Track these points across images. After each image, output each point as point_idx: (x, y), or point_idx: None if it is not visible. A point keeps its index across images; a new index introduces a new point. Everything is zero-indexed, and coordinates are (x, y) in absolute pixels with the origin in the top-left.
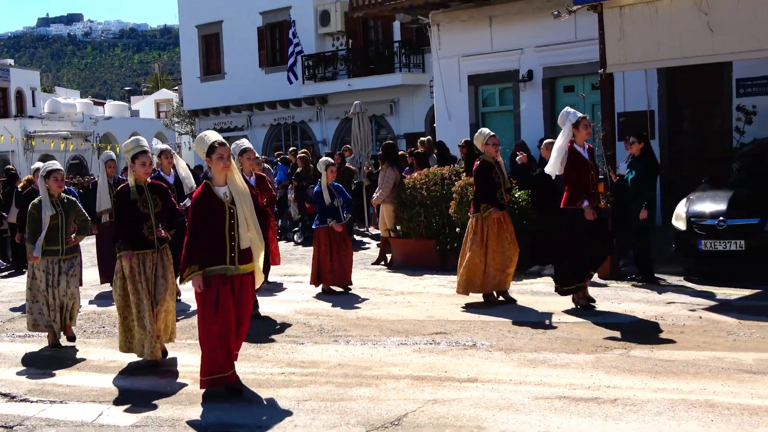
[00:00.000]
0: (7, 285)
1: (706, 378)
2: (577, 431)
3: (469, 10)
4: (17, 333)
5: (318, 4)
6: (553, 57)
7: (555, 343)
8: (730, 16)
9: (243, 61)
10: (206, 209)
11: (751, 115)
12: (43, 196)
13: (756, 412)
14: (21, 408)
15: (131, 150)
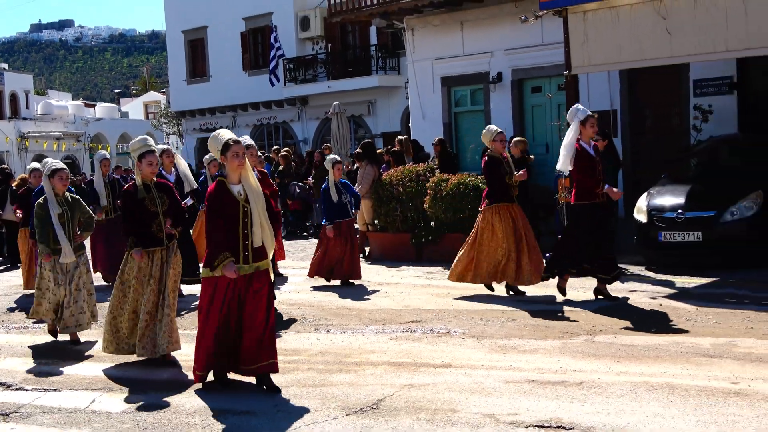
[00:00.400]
0: (3, 279)
1: (666, 362)
2: (545, 413)
3: (442, 15)
4: (12, 325)
5: (298, 10)
6: (521, 59)
7: (524, 330)
8: (687, 20)
9: (227, 65)
10: (220, 206)
11: (708, 114)
12: (48, 195)
13: (713, 393)
14: (17, 396)
15: (138, 149)
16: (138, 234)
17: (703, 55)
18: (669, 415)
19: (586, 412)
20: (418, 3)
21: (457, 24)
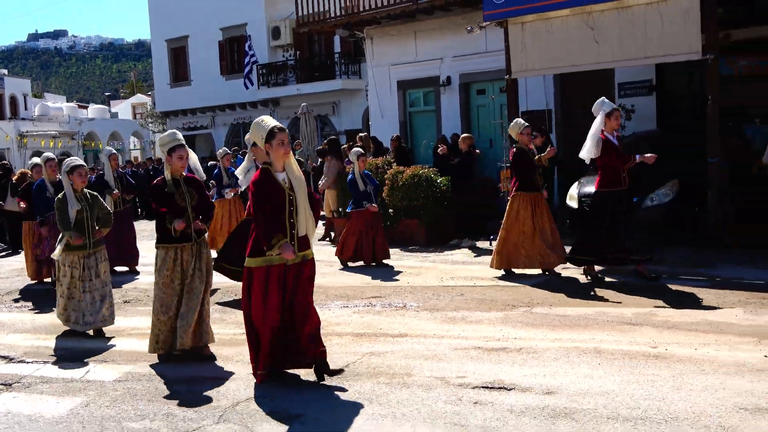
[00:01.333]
0: (5, 263)
1: (595, 329)
2: (489, 375)
3: (398, 25)
4: (14, 304)
5: (270, 21)
6: (468, 65)
7: (471, 303)
8: (612, 31)
9: (206, 70)
10: (266, 194)
11: (630, 113)
12: (67, 192)
13: (635, 356)
14: (18, 368)
15: (168, 143)
16: (166, 230)
17: (625, 61)
18: (597, 376)
19: (524, 374)
20: (376, 15)
21: (411, 33)
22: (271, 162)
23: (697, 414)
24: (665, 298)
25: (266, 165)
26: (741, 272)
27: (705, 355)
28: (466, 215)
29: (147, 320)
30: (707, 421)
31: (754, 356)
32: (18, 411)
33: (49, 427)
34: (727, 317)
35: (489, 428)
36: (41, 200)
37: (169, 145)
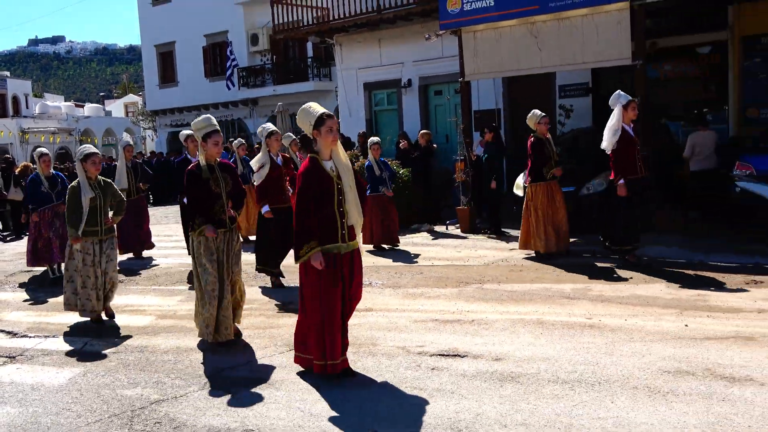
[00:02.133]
0: (9, 248)
1: (538, 303)
2: (446, 344)
3: (364, 33)
4: (17, 284)
5: (249, 29)
6: (426, 69)
7: (429, 281)
8: (553, 39)
9: (192, 72)
10: (315, 183)
11: (570, 112)
12: (81, 180)
13: (572, 326)
14: (21, 342)
15: (203, 128)
16: (204, 214)
17: (565, 66)
18: (539, 344)
19: (476, 343)
20: (344, 24)
21: (376, 41)
22: (318, 150)
23: (627, 376)
24: (599, 275)
25: (313, 154)
26: (666, 252)
27: (633, 325)
28: (424, 203)
29: (140, 298)
30: (635, 383)
31: (676, 326)
32: (21, 381)
33: (50, 394)
34: (653, 292)
35: (445, 391)
36: (34, 193)
37: (204, 131)
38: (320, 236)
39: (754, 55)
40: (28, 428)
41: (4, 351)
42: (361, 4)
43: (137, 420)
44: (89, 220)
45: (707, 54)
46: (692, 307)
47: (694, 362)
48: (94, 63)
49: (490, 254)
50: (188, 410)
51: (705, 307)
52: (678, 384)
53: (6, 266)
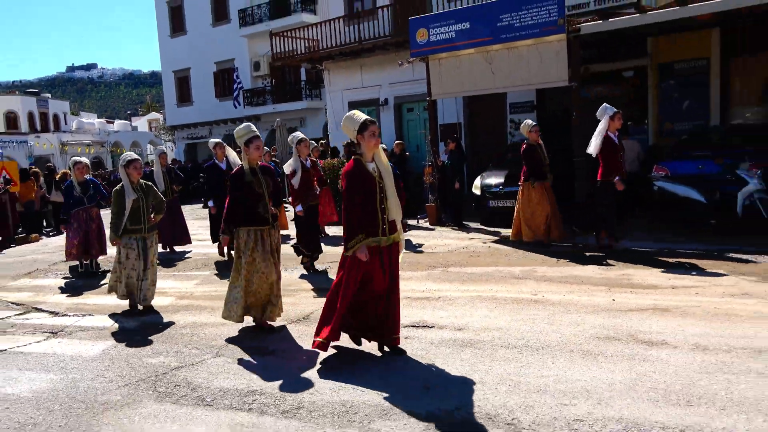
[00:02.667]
0: (51, 241)
1: (492, 283)
2: (416, 318)
3: (348, 60)
4: (59, 271)
5: (252, 57)
6: (400, 90)
7: (402, 266)
8: (504, 64)
9: (204, 93)
10: (360, 183)
11: (518, 125)
12: (125, 183)
13: (520, 301)
14: (62, 320)
15: (245, 135)
16: (246, 214)
17: (514, 87)
18: (493, 316)
19: (441, 316)
20: (331, 52)
21: (358, 66)
22: (362, 153)
23: (565, 342)
24: (542, 259)
25: (357, 156)
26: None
27: (570, 299)
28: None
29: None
30: (572, 347)
31: (605, 300)
32: (62, 352)
33: (86, 363)
34: (587, 273)
35: (416, 355)
36: (68, 197)
37: (246, 137)
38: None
39: (669, 78)
40: (68, 391)
41: (47, 328)
42: (346, 36)
43: (160, 383)
44: (133, 219)
45: (630, 77)
46: (618, 284)
47: (619, 330)
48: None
49: (453, 243)
50: (203, 374)
51: (628, 284)
52: (606, 348)
53: (49, 257)
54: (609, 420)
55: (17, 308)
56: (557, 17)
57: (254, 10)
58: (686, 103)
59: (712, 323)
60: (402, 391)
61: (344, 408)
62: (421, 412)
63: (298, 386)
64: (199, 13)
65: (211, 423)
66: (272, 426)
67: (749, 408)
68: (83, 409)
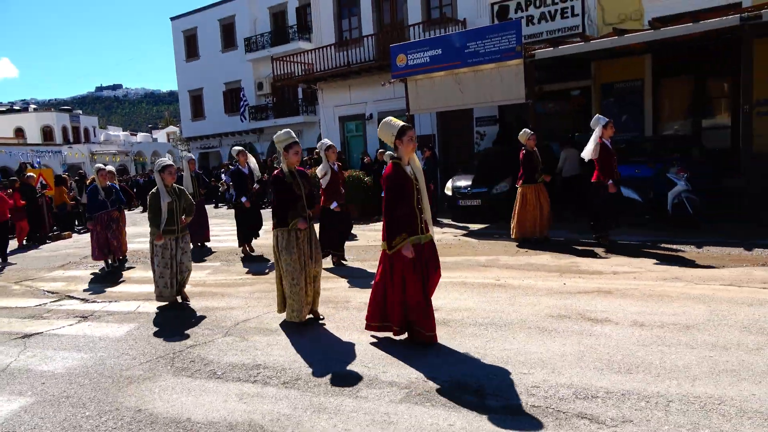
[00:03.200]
0: (83, 238)
1: (462, 270)
2: None
3: (338, 81)
4: (89, 264)
5: (256, 78)
6: (383, 105)
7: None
8: (471, 84)
9: (215, 109)
10: (400, 185)
11: (483, 136)
12: (160, 187)
13: (486, 286)
14: (91, 306)
15: (284, 141)
16: (291, 211)
17: (479, 104)
18: (463, 299)
19: None
20: (324, 74)
21: (347, 86)
22: (400, 156)
23: (523, 320)
24: (505, 249)
25: (396, 160)
26: (554, 234)
27: (528, 284)
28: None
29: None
30: (530, 324)
31: (558, 284)
32: (92, 334)
33: (113, 343)
34: (542, 261)
35: None
36: (92, 201)
37: (285, 143)
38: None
39: (610, 96)
40: (97, 368)
41: (78, 312)
42: (336, 61)
43: (177, 359)
44: (168, 221)
45: (577, 96)
46: (568, 271)
47: (570, 309)
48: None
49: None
50: (214, 352)
51: (577, 271)
52: (559, 325)
53: (81, 251)
54: (561, 386)
55: (52, 296)
56: (516, 45)
57: (258, 38)
58: (624, 118)
59: (647, 303)
60: (384, 363)
61: (336, 379)
62: (402, 381)
63: (296, 361)
64: (210, 40)
65: (221, 393)
66: (274, 395)
67: (679, 375)
68: (110, 383)
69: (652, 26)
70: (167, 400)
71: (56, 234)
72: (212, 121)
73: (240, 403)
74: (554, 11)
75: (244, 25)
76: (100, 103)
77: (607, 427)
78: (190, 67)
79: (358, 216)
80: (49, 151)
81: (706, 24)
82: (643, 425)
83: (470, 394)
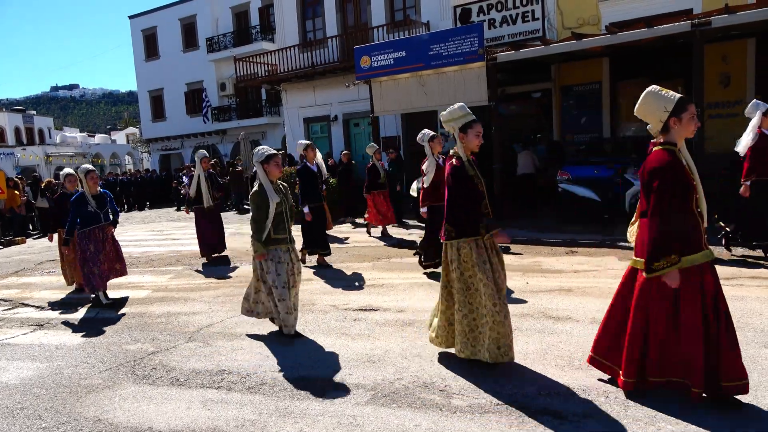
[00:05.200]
0: (37, 243)
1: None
2: (364, 302)
3: (303, 82)
4: (44, 270)
5: (219, 79)
6: (348, 107)
7: (352, 257)
8: (435, 87)
9: (176, 110)
10: (681, 180)
11: (447, 137)
12: (265, 183)
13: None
14: (47, 314)
15: (461, 117)
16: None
17: (443, 105)
18: (429, 299)
19: (385, 300)
20: (288, 75)
21: (311, 87)
22: (674, 139)
23: None
24: None
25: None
26: (514, 233)
27: None
28: (347, 202)
29: (139, 277)
30: None
31: (521, 283)
32: (48, 342)
33: (70, 351)
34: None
35: (363, 335)
36: (79, 213)
37: (462, 120)
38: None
39: (569, 98)
40: (53, 378)
41: (34, 321)
42: (300, 62)
43: (138, 367)
44: (277, 227)
45: (538, 98)
46: (531, 270)
47: (532, 308)
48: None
49: (396, 237)
50: (177, 358)
51: (539, 269)
52: (522, 323)
53: (35, 257)
54: (525, 382)
55: (5, 304)
56: (478, 48)
57: (220, 38)
58: (584, 119)
59: (606, 300)
60: (350, 365)
61: (302, 382)
62: (368, 383)
63: (261, 366)
64: (171, 40)
65: (184, 400)
66: (239, 400)
67: None
68: (67, 393)
69: (609, 31)
70: (128, 409)
71: (9, 239)
72: (173, 122)
73: (204, 409)
74: (515, 15)
75: (206, 25)
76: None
77: (570, 422)
78: (150, 67)
79: None
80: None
81: (660, 29)
82: (604, 419)
83: (436, 394)
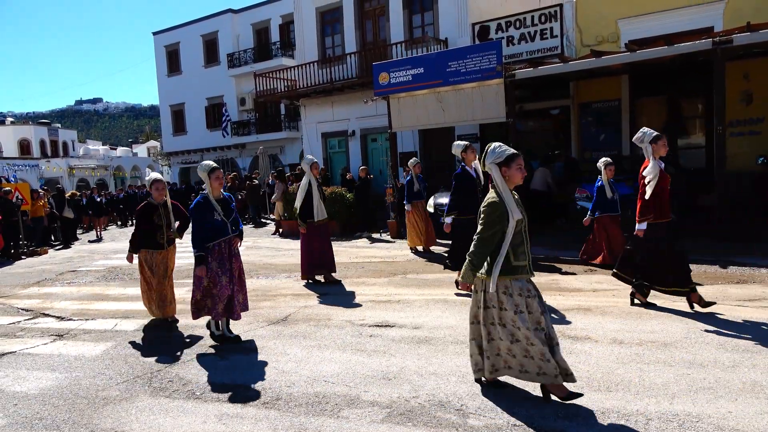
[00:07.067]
0: (59, 254)
1: (444, 287)
2: (380, 318)
3: (321, 97)
4: (65, 281)
5: (239, 94)
6: (365, 123)
7: (368, 273)
8: (453, 103)
9: (197, 124)
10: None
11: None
12: (506, 198)
13: (468, 303)
14: (67, 324)
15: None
16: None
17: (461, 122)
18: (445, 316)
19: (401, 317)
20: (307, 91)
21: (330, 103)
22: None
23: None
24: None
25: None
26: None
27: None
28: (364, 217)
29: None
30: None
31: None
32: (67, 353)
33: (89, 362)
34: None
35: (379, 351)
36: (200, 225)
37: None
38: None
39: (588, 115)
40: (71, 388)
41: (54, 331)
42: (319, 77)
43: (155, 379)
44: (517, 250)
45: (557, 114)
46: (548, 288)
47: None
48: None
49: (410, 254)
50: (193, 371)
51: (557, 288)
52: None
53: (56, 267)
54: (542, 404)
55: (26, 314)
56: (496, 64)
57: (240, 54)
58: (602, 136)
59: (626, 320)
60: (366, 382)
61: (317, 398)
62: (383, 401)
63: (277, 381)
64: (192, 55)
65: (200, 414)
66: (254, 415)
67: (658, 393)
68: (85, 404)
69: (629, 48)
70: (144, 421)
71: (32, 250)
72: (194, 136)
73: (219, 424)
74: (534, 32)
75: (227, 41)
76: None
77: None
78: (171, 82)
79: (339, 232)
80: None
81: (681, 47)
82: None
83: (452, 413)
